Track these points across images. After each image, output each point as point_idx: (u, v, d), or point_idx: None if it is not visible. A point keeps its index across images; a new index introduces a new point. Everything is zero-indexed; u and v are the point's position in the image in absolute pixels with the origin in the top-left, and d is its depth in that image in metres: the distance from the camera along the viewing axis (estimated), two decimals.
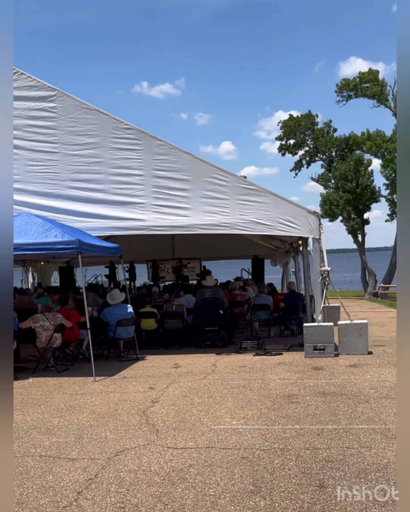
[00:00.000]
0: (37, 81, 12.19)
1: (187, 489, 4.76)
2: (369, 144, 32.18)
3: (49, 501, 4.63)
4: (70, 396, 8.66)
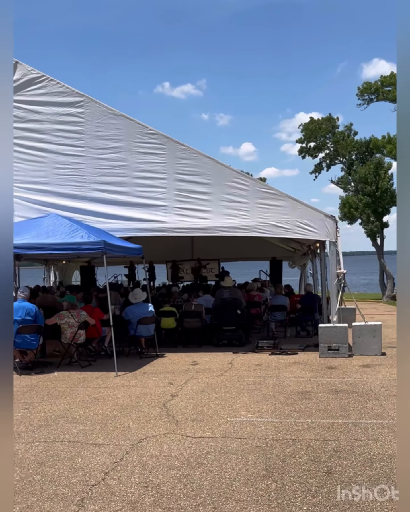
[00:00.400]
0: (66, 87, 12.70)
1: (204, 472, 5.17)
2: (390, 148, 32.37)
3: (79, 480, 5.07)
4: (94, 389, 9.11)
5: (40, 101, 12.78)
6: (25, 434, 6.58)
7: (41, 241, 10.54)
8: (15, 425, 6.93)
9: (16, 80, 12.74)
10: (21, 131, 12.86)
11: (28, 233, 10.85)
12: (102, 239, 10.43)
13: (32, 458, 5.70)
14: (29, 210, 12.77)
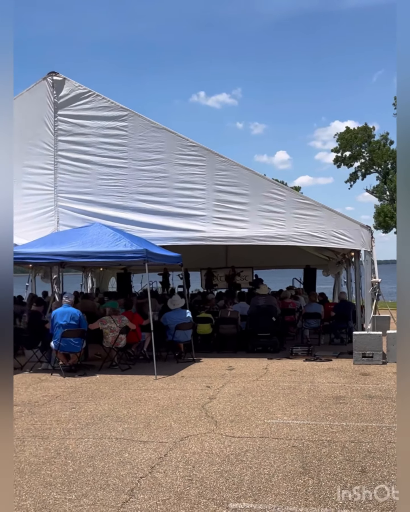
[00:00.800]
0: (111, 102, 13.24)
1: (244, 468, 5.53)
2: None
3: (128, 473, 5.48)
4: (135, 391, 9.54)
5: (86, 116, 13.35)
6: (74, 431, 7.02)
7: (86, 249, 11.05)
8: (64, 423, 7.40)
9: (63, 95, 13.34)
10: (67, 144, 13.45)
11: (74, 241, 11.37)
12: (144, 247, 10.89)
13: (82, 453, 6.12)
14: (74, 219, 13.33)
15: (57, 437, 6.76)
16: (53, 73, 13.42)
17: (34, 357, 12.06)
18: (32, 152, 13.63)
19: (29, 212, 13.66)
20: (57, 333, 11.01)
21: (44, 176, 13.57)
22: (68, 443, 6.49)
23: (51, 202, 13.51)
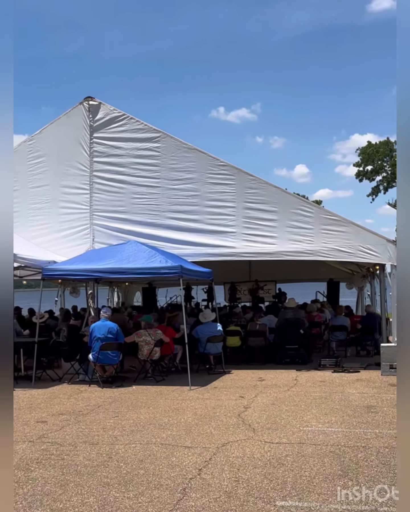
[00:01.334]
0: (144, 124, 13.83)
1: (286, 471, 5.94)
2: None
3: (178, 474, 5.92)
4: (172, 401, 9.98)
5: (121, 138, 13.93)
6: (121, 437, 7.49)
7: (123, 266, 11.58)
8: (110, 430, 7.87)
9: (99, 119, 13.96)
10: (102, 164, 14.04)
11: (111, 258, 11.90)
12: (179, 264, 11.38)
13: (132, 457, 6.58)
14: (109, 237, 13.89)
15: (106, 443, 7.23)
16: (89, 98, 14.05)
17: (71, 369, 12.57)
18: (68, 173, 14.23)
19: (65, 230, 14.24)
20: (95, 346, 11.51)
21: (80, 195, 14.16)
22: (118, 448, 6.96)
23: (87, 221, 14.08)
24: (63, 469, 6.16)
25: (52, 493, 5.43)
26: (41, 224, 14.39)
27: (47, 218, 14.36)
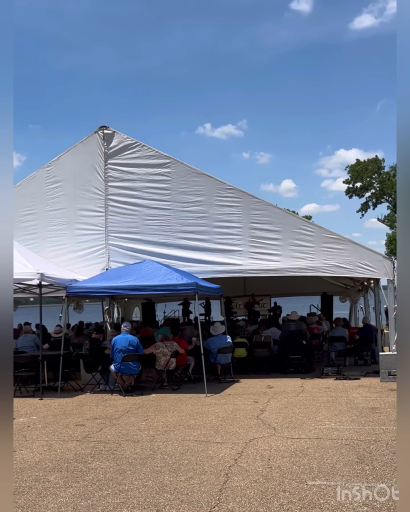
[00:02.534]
0: (156, 151, 14.88)
1: (310, 460, 6.91)
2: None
3: (217, 463, 6.87)
4: (193, 406, 10.93)
5: (134, 164, 14.98)
6: (157, 436, 8.43)
7: (142, 283, 12.55)
8: (145, 430, 8.79)
9: (113, 146, 15.00)
10: (117, 189, 15.06)
11: (130, 276, 12.87)
12: (194, 281, 12.38)
13: (173, 451, 7.52)
14: (123, 256, 14.87)
15: (146, 440, 8.17)
16: (104, 127, 15.09)
17: (92, 380, 13.48)
18: (85, 196, 15.23)
19: (81, 250, 15.20)
20: (117, 357, 12.44)
21: (96, 218, 15.15)
22: (158, 444, 7.90)
23: (102, 241, 15.06)
24: (116, 461, 7.09)
25: (114, 479, 6.37)
26: (58, 244, 15.34)
27: (65, 239, 15.32)
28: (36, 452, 7.71)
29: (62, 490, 6.00)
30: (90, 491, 5.96)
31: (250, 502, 5.50)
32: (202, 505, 5.45)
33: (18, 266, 12.60)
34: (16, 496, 5.82)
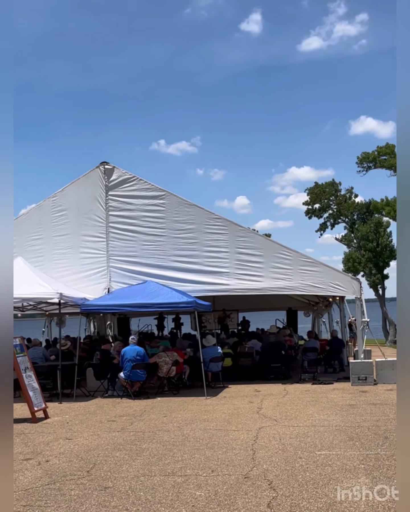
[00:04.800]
0: (151, 184, 16.87)
1: (313, 439, 8.92)
2: (388, 209, 36.82)
3: (241, 443, 8.80)
4: (198, 406, 12.82)
5: (131, 195, 16.92)
6: (183, 427, 10.29)
7: (148, 301, 14.45)
8: (168, 424, 10.65)
9: (113, 180, 16.92)
10: (117, 217, 16.96)
11: (136, 296, 14.75)
12: (193, 299, 14.34)
13: (201, 436, 9.41)
14: (123, 277, 16.73)
15: (175, 430, 10.04)
16: (105, 162, 17.01)
17: (100, 386, 15.23)
18: (87, 224, 17.07)
19: (85, 271, 17.00)
20: (127, 366, 14.25)
21: (98, 243, 16.99)
22: (186, 432, 9.79)
23: (104, 264, 16.90)
24: (160, 444, 8.95)
25: (167, 454, 8.24)
26: (64, 266, 17.10)
27: (70, 262, 17.10)
28: (90, 439, 9.52)
29: (132, 461, 7.86)
30: (154, 461, 7.84)
31: (277, 464, 7.47)
32: (243, 467, 7.39)
33: (37, 286, 14.37)
34: (98, 466, 7.65)
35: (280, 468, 7.25)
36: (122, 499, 6.20)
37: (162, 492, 6.37)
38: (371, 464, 7.29)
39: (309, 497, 6.01)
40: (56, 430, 10.49)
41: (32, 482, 7.00)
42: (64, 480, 7.02)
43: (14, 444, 9.24)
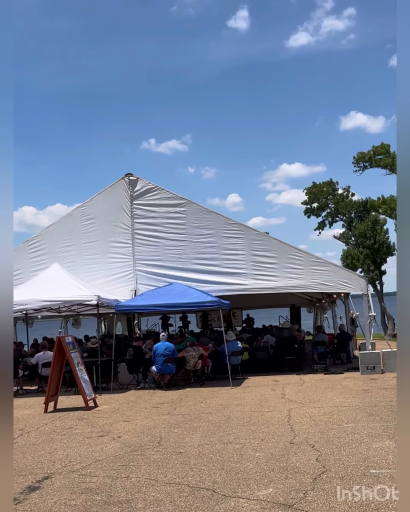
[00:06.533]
0: (172, 193, 18.39)
1: (338, 416, 10.43)
2: (385, 208, 38.44)
3: (277, 421, 10.31)
4: (227, 394, 14.30)
5: (154, 204, 18.44)
6: (221, 410, 11.76)
7: (177, 301, 15.96)
8: (209, 407, 12.14)
9: (137, 190, 18.43)
10: (141, 224, 18.47)
11: (165, 296, 16.25)
12: (217, 299, 15.86)
13: (241, 417, 10.90)
14: (148, 279, 18.24)
15: (216, 412, 11.54)
16: (129, 174, 18.52)
17: (133, 380, 16.72)
18: (114, 231, 18.57)
19: (113, 275, 18.51)
20: (159, 360, 15.75)
21: (125, 248, 18.50)
22: (227, 414, 11.29)
23: (131, 268, 18.41)
24: (208, 423, 10.45)
25: (218, 429, 9.74)
26: (93, 270, 18.60)
27: (98, 266, 18.60)
28: (145, 421, 11.02)
29: (191, 435, 9.37)
30: (209, 434, 9.35)
31: (314, 434, 9.00)
32: (286, 436, 8.92)
33: (75, 290, 15.86)
34: (164, 439, 9.16)
35: (317, 437, 8.78)
36: (198, 459, 7.71)
37: (227, 454, 7.89)
38: (391, 432, 8.81)
39: (347, 454, 7.54)
40: (111, 415, 11.98)
41: (117, 450, 8.51)
42: (143, 448, 8.53)
43: (80, 426, 10.77)
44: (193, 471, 7.15)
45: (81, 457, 8.25)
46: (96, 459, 8.05)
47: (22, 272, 18.79)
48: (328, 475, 6.61)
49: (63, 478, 7.14)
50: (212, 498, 6.04)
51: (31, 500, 6.31)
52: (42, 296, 15.53)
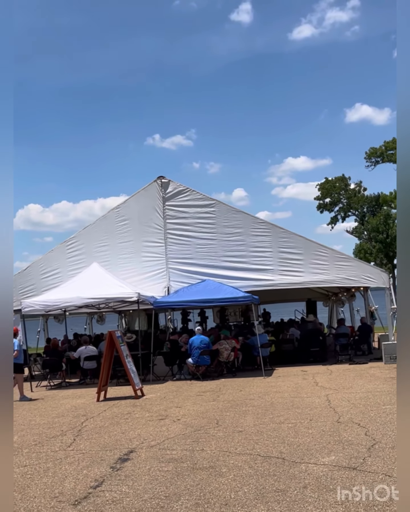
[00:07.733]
0: (203, 195, 19.40)
1: (374, 399, 11.42)
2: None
3: (318, 404, 11.32)
4: (262, 383, 15.31)
5: (185, 205, 19.45)
6: (263, 397, 12.77)
7: (212, 297, 16.99)
8: (250, 395, 13.15)
9: (169, 192, 19.45)
10: (173, 224, 19.50)
11: (200, 292, 17.28)
12: (249, 294, 16.88)
13: (282, 402, 11.89)
14: (181, 276, 19.27)
15: (258, 399, 12.55)
16: (161, 177, 19.55)
17: (169, 372, 17.77)
18: (148, 231, 19.60)
19: (146, 273, 19.55)
20: (195, 353, 16.79)
21: (157, 247, 19.53)
22: (269, 399, 12.30)
23: (163, 266, 19.45)
24: (255, 407, 11.46)
25: (266, 413, 10.75)
26: (128, 268, 19.64)
27: (133, 265, 19.64)
28: (196, 407, 12.04)
29: (243, 417, 10.40)
30: (260, 417, 10.38)
31: (356, 415, 10.00)
32: (332, 417, 9.93)
33: (116, 287, 16.91)
34: (221, 421, 10.18)
35: (360, 417, 9.79)
36: (258, 436, 8.74)
37: (283, 432, 8.91)
38: None
39: (392, 429, 8.54)
40: (161, 402, 13.03)
41: (182, 430, 9.56)
42: (205, 428, 9.57)
43: (138, 411, 11.83)
44: (259, 444, 8.18)
45: (153, 435, 9.30)
46: (167, 437, 9.09)
47: (60, 271, 19.85)
48: (380, 446, 7.63)
49: (146, 451, 8.19)
50: (284, 463, 7.07)
51: (127, 468, 7.35)
52: (85, 293, 16.59)
